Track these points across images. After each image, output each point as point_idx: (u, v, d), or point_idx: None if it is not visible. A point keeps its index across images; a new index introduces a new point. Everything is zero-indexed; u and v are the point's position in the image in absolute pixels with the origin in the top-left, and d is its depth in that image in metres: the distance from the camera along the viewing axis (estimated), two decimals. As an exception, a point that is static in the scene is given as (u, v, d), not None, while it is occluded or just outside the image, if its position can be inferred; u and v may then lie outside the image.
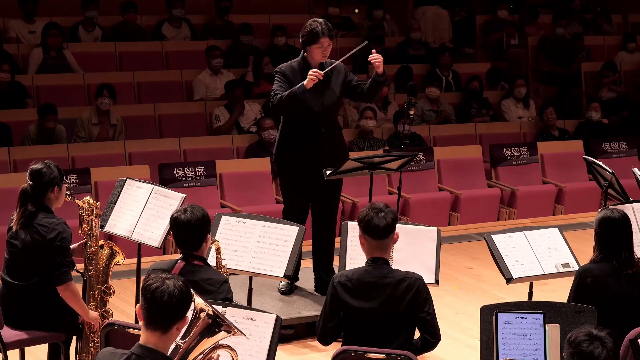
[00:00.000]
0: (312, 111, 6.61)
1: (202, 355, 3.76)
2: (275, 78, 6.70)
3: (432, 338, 4.79)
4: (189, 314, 3.70)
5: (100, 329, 5.17)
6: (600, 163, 7.16)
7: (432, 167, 10.14)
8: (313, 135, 6.67)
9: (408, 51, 12.52)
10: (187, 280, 3.72)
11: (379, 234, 4.75)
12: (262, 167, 9.47)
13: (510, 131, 11.38)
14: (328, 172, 6.57)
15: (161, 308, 3.55)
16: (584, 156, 8.04)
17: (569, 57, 13.02)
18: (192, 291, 3.73)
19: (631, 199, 6.42)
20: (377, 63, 6.58)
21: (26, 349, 5.68)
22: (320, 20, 6.68)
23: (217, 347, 3.81)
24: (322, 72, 6.42)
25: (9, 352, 5.32)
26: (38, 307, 5.35)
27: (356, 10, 13.61)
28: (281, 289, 6.94)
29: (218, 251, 5.19)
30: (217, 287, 4.73)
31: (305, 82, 6.43)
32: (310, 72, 6.42)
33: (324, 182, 6.70)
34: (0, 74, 9.88)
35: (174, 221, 4.81)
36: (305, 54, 6.66)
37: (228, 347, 3.88)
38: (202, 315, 3.74)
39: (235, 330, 3.79)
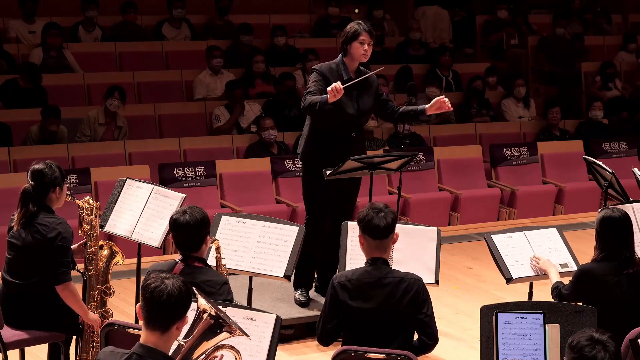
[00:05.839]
0: (347, 114, 6.56)
1: (204, 355, 3.77)
2: (312, 76, 6.64)
3: (429, 340, 4.77)
4: (192, 314, 3.71)
5: (100, 329, 5.17)
6: (600, 163, 7.16)
7: (432, 167, 10.14)
8: (343, 139, 6.65)
9: (408, 51, 12.51)
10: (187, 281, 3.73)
11: (379, 234, 4.75)
12: (262, 167, 9.46)
13: (510, 131, 11.37)
14: (328, 172, 6.56)
15: (160, 307, 3.57)
16: (584, 156, 8.03)
17: (569, 57, 13.02)
18: (194, 291, 3.75)
19: (631, 199, 6.42)
20: (445, 106, 6.60)
21: (26, 349, 5.67)
22: (360, 21, 6.73)
23: (220, 347, 3.82)
24: (342, 87, 6.23)
25: (9, 352, 5.31)
26: (38, 306, 5.34)
27: (356, 10, 13.59)
28: (298, 300, 6.82)
29: (218, 250, 5.19)
30: (217, 289, 4.72)
31: (327, 95, 6.31)
32: (330, 88, 6.24)
33: (343, 187, 6.71)
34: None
35: (173, 223, 4.81)
36: (345, 57, 6.63)
37: (232, 347, 3.89)
38: (205, 316, 3.75)
39: (237, 331, 3.80)
